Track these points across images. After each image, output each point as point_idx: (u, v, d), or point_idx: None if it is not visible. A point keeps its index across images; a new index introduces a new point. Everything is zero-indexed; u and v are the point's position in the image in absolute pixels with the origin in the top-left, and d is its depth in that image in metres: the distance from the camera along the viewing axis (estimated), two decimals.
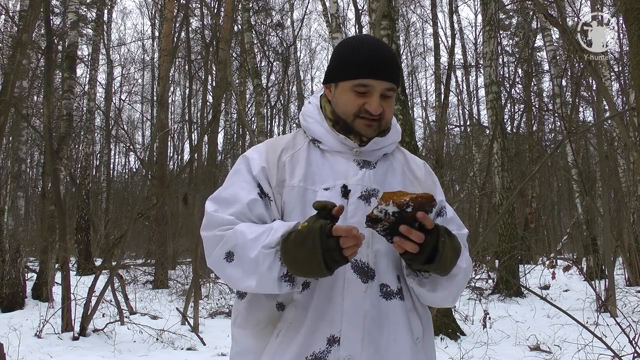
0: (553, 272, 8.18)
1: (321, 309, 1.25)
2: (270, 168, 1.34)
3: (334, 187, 1.32)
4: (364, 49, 1.34)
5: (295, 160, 1.36)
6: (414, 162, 1.49)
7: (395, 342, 1.28)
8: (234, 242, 1.23)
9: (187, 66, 15.90)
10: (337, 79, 1.37)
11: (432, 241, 1.18)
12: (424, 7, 23.65)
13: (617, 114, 4.98)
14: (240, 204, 1.30)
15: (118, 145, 25.18)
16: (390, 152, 1.44)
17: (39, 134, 11.37)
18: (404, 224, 1.14)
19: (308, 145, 1.40)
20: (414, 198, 1.13)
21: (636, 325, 4.53)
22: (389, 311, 1.28)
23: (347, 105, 1.35)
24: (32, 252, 16.84)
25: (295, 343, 1.25)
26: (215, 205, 1.32)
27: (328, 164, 1.36)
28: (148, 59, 25.32)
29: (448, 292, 1.31)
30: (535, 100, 19.27)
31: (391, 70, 1.34)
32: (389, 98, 1.36)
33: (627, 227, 9.86)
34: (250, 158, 1.37)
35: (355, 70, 1.33)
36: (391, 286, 1.29)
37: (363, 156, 1.37)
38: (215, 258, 1.27)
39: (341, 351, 1.23)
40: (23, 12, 8.50)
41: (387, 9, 6.43)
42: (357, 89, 1.33)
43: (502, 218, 9.59)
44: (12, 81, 4.81)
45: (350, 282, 1.26)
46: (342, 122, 1.37)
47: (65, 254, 7.37)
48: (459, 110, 24.93)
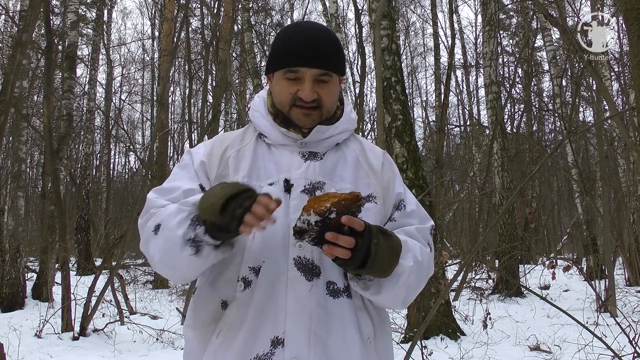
0: (553, 272, 8.18)
1: (263, 308, 1.20)
2: (210, 162, 1.32)
3: (278, 181, 1.28)
4: (295, 36, 1.30)
5: (241, 156, 1.33)
6: (372, 151, 1.41)
7: (344, 342, 1.22)
8: (163, 215, 1.21)
9: (187, 66, 15.89)
10: (272, 69, 1.34)
11: (364, 244, 1.12)
12: (424, 7, 23.67)
13: (617, 114, 4.98)
14: (177, 191, 1.29)
15: (118, 145, 25.18)
16: (342, 141, 1.38)
17: (39, 134, 11.37)
18: (330, 231, 1.09)
19: (256, 140, 1.36)
20: (335, 202, 1.08)
21: (636, 325, 4.52)
22: (336, 310, 1.22)
23: (281, 94, 1.32)
24: (32, 252, 16.84)
25: (236, 344, 1.19)
26: (156, 194, 1.31)
27: (273, 158, 1.32)
28: (148, 59, 25.34)
29: (394, 293, 1.23)
30: (535, 100, 19.28)
31: (322, 55, 1.29)
32: (326, 84, 1.30)
33: (627, 227, 9.86)
34: (194, 153, 1.37)
35: (285, 59, 1.30)
36: (338, 284, 1.24)
37: (309, 147, 1.33)
38: (146, 234, 1.24)
39: (286, 353, 1.18)
40: (23, 12, 8.50)
41: (387, 9, 6.43)
42: (288, 75, 1.29)
43: (502, 218, 9.59)
44: (12, 81, 4.81)
45: (293, 280, 1.21)
46: (281, 115, 1.34)
47: (65, 254, 7.37)
48: (459, 110, 24.95)
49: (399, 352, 4.89)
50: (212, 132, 11.46)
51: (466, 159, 17.83)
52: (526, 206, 11.06)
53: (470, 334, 6.37)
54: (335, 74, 1.33)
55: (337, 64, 1.33)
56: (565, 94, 15.17)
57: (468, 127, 20.14)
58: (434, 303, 4.35)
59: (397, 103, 6.37)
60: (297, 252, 1.22)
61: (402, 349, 4.75)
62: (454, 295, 9.07)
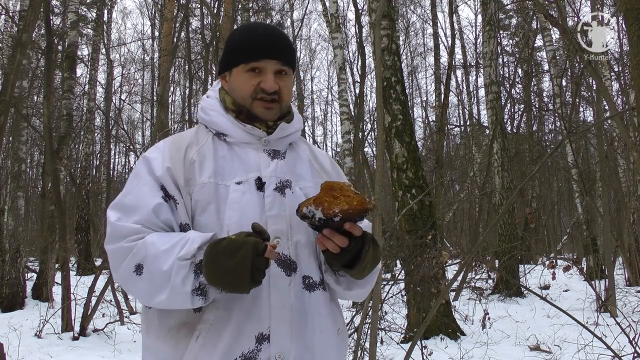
0: (553, 272, 8.18)
1: (247, 307, 1.20)
2: (175, 167, 1.26)
3: (247, 180, 1.28)
4: (253, 32, 1.35)
5: (202, 156, 1.30)
6: (319, 152, 1.47)
7: (322, 333, 1.27)
8: (144, 253, 1.16)
9: (187, 66, 15.90)
10: (231, 66, 1.36)
11: (356, 247, 1.17)
12: (423, 7, 23.66)
13: (617, 114, 4.98)
14: (144, 209, 1.22)
15: (118, 145, 25.18)
16: (294, 141, 1.42)
17: (39, 134, 11.37)
18: (328, 228, 1.14)
19: (212, 140, 1.34)
20: (344, 210, 1.11)
21: (636, 325, 4.52)
22: (312, 303, 1.26)
23: (242, 87, 1.33)
24: (32, 252, 16.83)
25: (220, 345, 1.18)
26: (118, 214, 1.23)
27: (237, 157, 1.31)
28: (148, 59, 25.35)
29: (363, 291, 1.34)
30: (535, 100, 19.27)
31: (282, 49, 1.33)
32: (285, 76, 1.34)
33: (627, 227, 9.86)
34: (152, 159, 1.29)
35: (245, 53, 1.32)
36: (314, 277, 1.28)
37: (272, 146, 1.35)
38: (124, 272, 1.19)
39: (272, 348, 1.20)
40: (23, 12, 8.49)
41: (387, 9, 6.43)
42: (250, 67, 1.32)
43: (502, 218, 9.59)
44: (12, 81, 4.81)
45: (275, 276, 1.23)
46: (244, 110, 1.34)
47: (65, 254, 7.37)
48: (459, 110, 24.96)
49: (399, 352, 4.89)
50: None
51: (466, 159, 17.83)
52: (526, 206, 11.07)
53: (470, 334, 6.37)
54: (291, 69, 1.38)
55: (293, 59, 1.38)
56: (565, 94, 15.18)
57: (468, 127, 20.13)
58: (434, 303, 4.35)
59: (397, 103, 6.37)
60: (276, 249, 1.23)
61: (402, 349, 4.76)
62: (454, 295, 9.07)
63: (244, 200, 1.25)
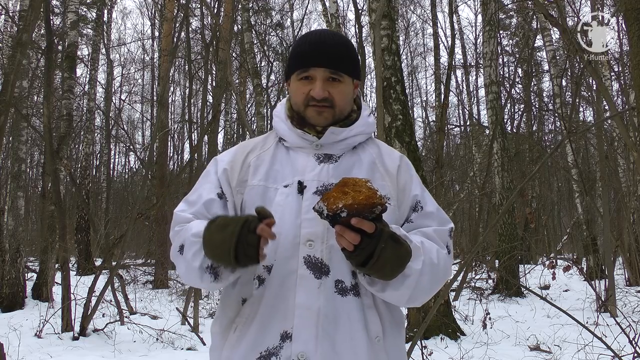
0: (553, 272, 8.18)
1: (273, 304, 1.26)
2: (232, 169, 1.39)
3: (292, 183, 1.33)
4: (306, 41, 1.38)
5: (260, 161, 1.39)
6: (389, 155, 1.44)
7: (352, 340, 1.26)
8: (185, 235, 1.30)
9: (187, 66, 15.88)
10: (289, 74, 1.42)
11: (369, 245, 1.14)
12: (423, 7, 23.66)
13: (617, 114, 4.98)
14: (199, 203, 1.37)
15: (118, 145, 25.20)
16: (357, 144, 1.41)
17: (39, 134, 11.37)
18: (339, 224, 1.14)
19: (276, 145, 1.43)
20: (348, 205, 1.10)
21: (636, 325, 4.53)
22: (344, 308, 1.26)
23: (296, 95, 1.38)
24: (32, 252, 16.83)
25: (248, 337, 1.26)
26: (183, 206, 1.40)
27: (290, 161, 1.38)
28: (148, 59, 25.35)
29: (399, 293, 1.26)
30: (535, 100, 19.28)
31: (331, 56, 1.35)
32: (338, 83, 1.36)
33: (627, 227, 9.85)
34: (219, 160, 1.43)
35: (297, 62, 1.37)
36: (346, 282, 1.27)
37: (325, 150, 1.37)
38: (173, 252, 1.34)
39: (293, 347, 1.23)
40: (23, 12, 8.49)
41: (387, 9, 6.43)
42: (301, 75, 1.37)
43: (502, 218, 9.59)
44: (12, 81, 4.81)
45: (302, 278, 1.26)
46: (297, 115, 1.39)
47: (65, 254, 7.37)
48: (459, 110, 24.97)
49: None
50: (212, 132, 11.46)
51: (466, 159, 17.81)
52: (526, 206, 11.07)
53: (470, 334, 6.38)
54: (347, 75, 1.38)
55: (348, 66, 1.38)
56: (565, 94, 15.18)
57: (468, 127, 20.13)
58: (434, 303, 4.35)
59: (397, 103, 6.37)
60: (307, 251, 1.27)
61: None
62: (454, 295, 9.07)
63: (285, 203, 1.31)
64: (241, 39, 14.39)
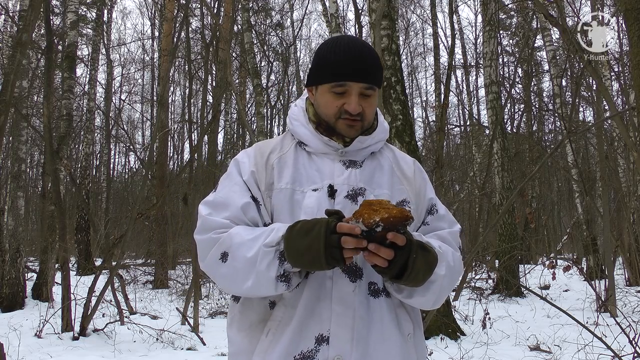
0: (553, 272, 8.18)
1: (310, 307, 1.25)
2: (259, 172, 1.36)
3: (322, 187, 1.33)
4: (340, 50, 1.35)
5: (283, 163, 1.37)
6: (404, 160, 1.48)
7: (384, 341, 1.27)
8: (230, 243, 1.25)
9: (187, 66, 15.89)
10: (317, 82, 1.39)
11: (402, 258, 1.17)
12: (423, 7, 23.67)
13: (617, 114, 4.98)
14: (234, 207, 1.31)
15: (118, 145, 25.19)
16: (377, 150, 1.44)
17: (39, 134, 11.37)
18: (372, 242, 1.14)
19: (295, 148, 1.41)
20: (385, 219, 1.11)
21: (636, 325, 4.53)
22: (376, 309, 1.28)
23: (327, 107, 1.36)
24: (32, 252, 16.85)
25: (283, 341, 1.25)
26: (209, 209, 1.33)
27: (315, 166, 1.37)
28: (148, 59, 25.35)
29: (425, 299, 1.30)
30: (535, 100, 19.28)
31: (368, 70, 1.34)
32: (369, 97, 1.36)
33: (627, 227, 9.85)
34: (241, 162, 1.39)
35: (332, 73, 1.34)
36: (378, 284, 1.30)
37: (349, 156, 1.38)
38: (210, 260, 1.28)
39: (330, 351, 1.23)
40: (23, 12, 8.49)
41: (387, 9, 6.43)
42: (335, 90, 1.34)
43: (502, 218, 9.59)
44: (12, 81, 4.81)
45: (338, 282, 1.26)
46: (325, 124, 1.39)
47: (65, 254, 7.37)
48: (459, 110, 24.97)
49: None
50: (212, 132, 11.47)
51: (466, 159, 17.82)
52: (526, 206, 11.08)
53: (470, 334, 6.38)
54: (378, 88, 1.39)
55: (380, 78, 1.40)
56: (565, 94, 15.18)
57: (468, 127, 20.13)
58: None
59: (397, 103, 6.37)
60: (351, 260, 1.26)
61: None
62: (454, 295, 9.07)
63: (317, 206, 1.30)
64: (241, 39, 14.39)
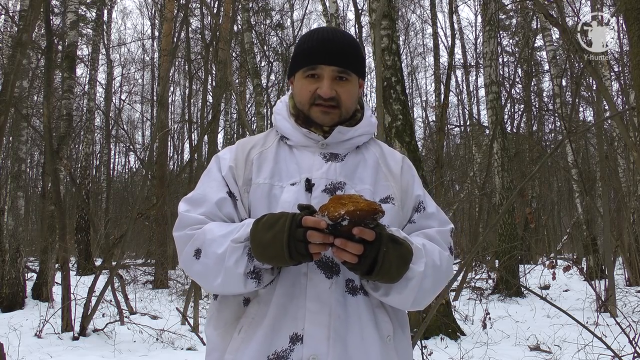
0: (553, 272, 8.18)
1: (283, 305, 1.21)
2: (237, 167, 1.34)
3: (300, 181, 1.30)
4: (313, 37, 1.34)
5: (263, 158, 1.35)
6: (392, 156, 1.43)
7: (363, 340, 1.23)
8: (203, 239, 1.23)
9: (187, 66, 15.89)
10: (293, 71, 1.38)
11: (372, 252, 1.12)
12: (423, 7, 23.66)
13: (617, 114, 4.98)
14: (209, 203, 1.30)
15: (118, 145, 25.20)
16: (361, 144, 1.40)
17: (39, 134, 11.37)
18: (339, 237, 1.10)
19: (278, 143, 1.39)
20: (350, 212, 1.07)
21: (636, 325, 4.53)
22: (354, 307, 1.23)
23: (301, 93, 1.35)
24: (32, 252, 16.84)
25: (256, 339, 1.21)
26: (187, 206, 1.32)
27: (295, 160, 1.34)
28: (148, 59, 25.35)
29: (403, 296, 1.23)
30: (535, 100, 19.28)
31: (340, 54, 1.32)
32: (345, 82, 1.33)
33: (627, 227, 9.85)
34: (222, 158, 1.38)
35: (304, 58, 1.34)
36: (356, 281, 1.25)
37: (330, 149, 1.35)
38: (185, 256, 1.26)
39: (305, 350, 1.19)
40: (23, 12, 8.49)
41: (387, 9, 6.43)
42: (308, 73, 1.33)
43: (502, 218, 9.59)
44: (12, 81, 4.81)
45: (313, 278, 1.22)
46: (302, 115, 1.36)
47: (65, 254, 7.37)
48: (459, 110, 24.97)
49: None
50: (212, 132, 11.47)
51: (466, 159, 17.83)
52: (526, 206, 11.07)
53: (470, 334, 6.38)
54: (354, 74, 1.36)
55: (356, 64, 1.36)
56: (565, 94, 15.18)
57: (468, 127, 20.13)
58: (434, 303, 4.35)
59: (397, 103, 6.37)
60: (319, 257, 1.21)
61: None
62: (454, 295, 9.07)
63: (293, 201, 1.26)
64: (241, 39, 14.38)
